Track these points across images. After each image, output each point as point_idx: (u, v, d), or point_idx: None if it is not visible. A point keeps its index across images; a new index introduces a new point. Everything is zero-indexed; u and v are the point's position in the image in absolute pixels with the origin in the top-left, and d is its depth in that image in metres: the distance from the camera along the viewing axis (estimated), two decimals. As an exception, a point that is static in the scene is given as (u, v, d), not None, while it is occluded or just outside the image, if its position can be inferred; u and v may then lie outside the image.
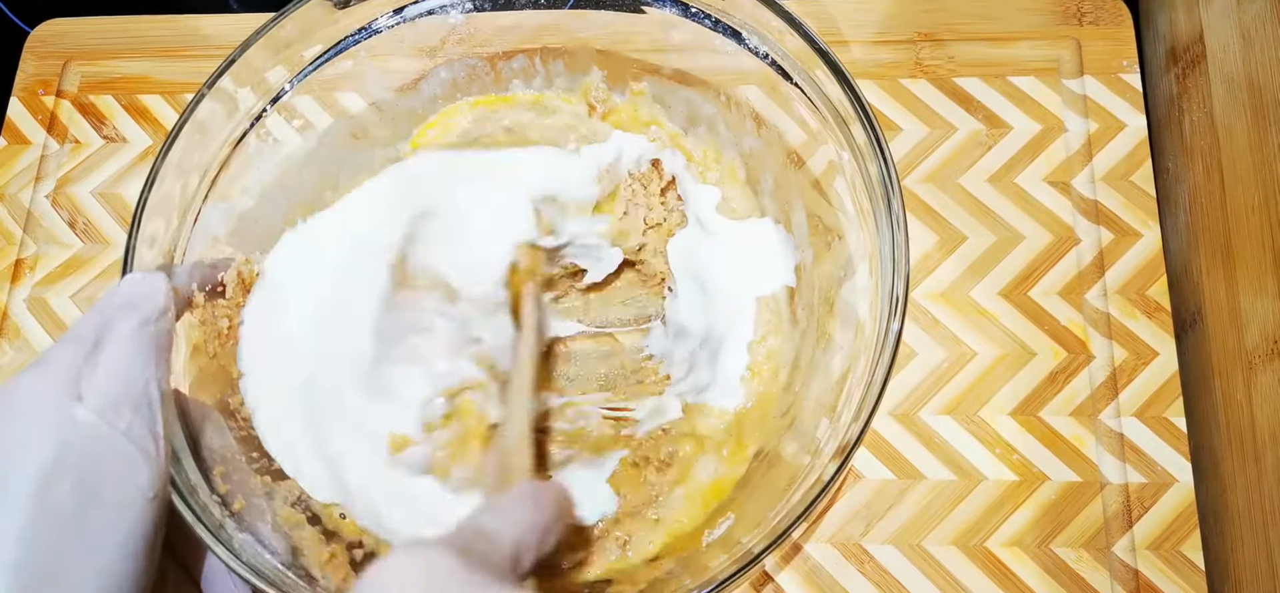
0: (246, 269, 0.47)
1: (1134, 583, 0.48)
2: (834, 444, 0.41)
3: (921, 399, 0.52)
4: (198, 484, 0.40)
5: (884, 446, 0.51)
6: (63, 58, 0.64)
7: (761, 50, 0.48)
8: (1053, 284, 0.54)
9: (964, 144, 0.57)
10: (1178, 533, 0.49)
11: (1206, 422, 0.52)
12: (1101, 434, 0.51)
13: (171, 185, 0.45)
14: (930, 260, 0.55)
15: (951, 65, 0.59)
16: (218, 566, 0.40)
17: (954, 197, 0.56)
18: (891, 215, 0.42)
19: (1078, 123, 0.57)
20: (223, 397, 0.45)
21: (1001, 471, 0.51)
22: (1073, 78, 0.58)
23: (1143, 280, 0.53)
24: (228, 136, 0.48)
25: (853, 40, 0.60)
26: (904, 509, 0.50)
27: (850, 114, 0.45)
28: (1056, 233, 0.55)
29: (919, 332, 0.53)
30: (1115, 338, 0.52)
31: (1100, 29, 0.59)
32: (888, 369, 0.40)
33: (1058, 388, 0.52)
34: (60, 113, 0.62)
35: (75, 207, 0.60)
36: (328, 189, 0.51)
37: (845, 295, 0.47)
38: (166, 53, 0.63)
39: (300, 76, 0.50)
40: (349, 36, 0.50)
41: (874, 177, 0.44)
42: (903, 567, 0.49)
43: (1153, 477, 0.50)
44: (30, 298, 0.58)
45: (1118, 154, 0.56)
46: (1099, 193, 0.55)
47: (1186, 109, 0.56)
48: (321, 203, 0.51)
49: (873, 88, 0.58)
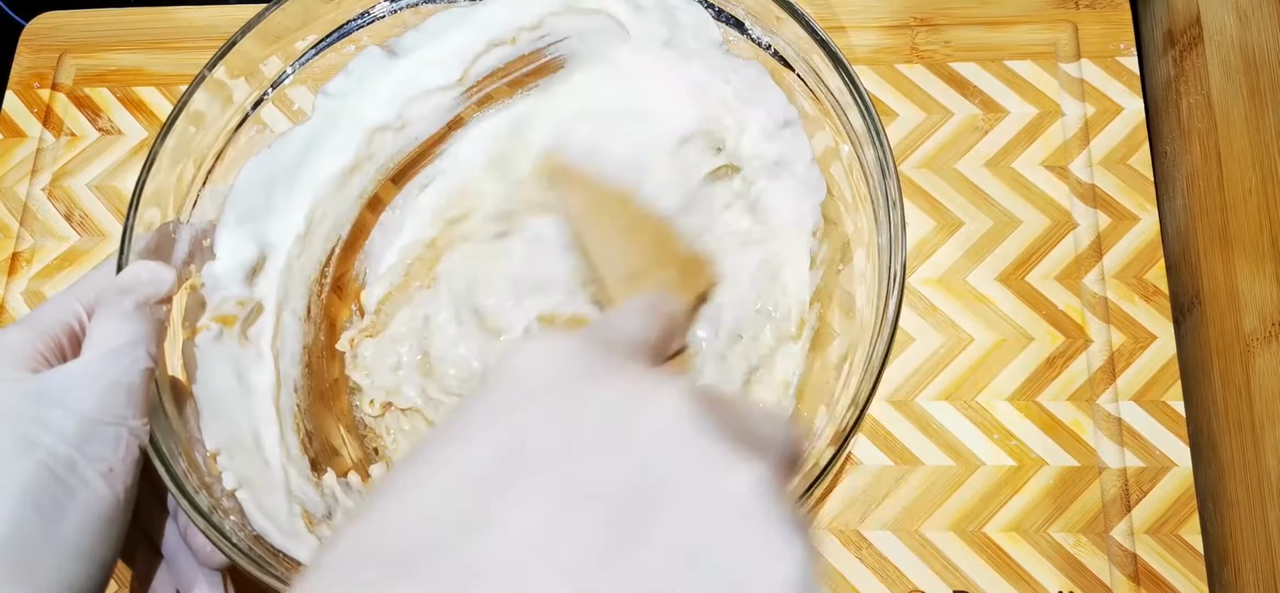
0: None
1: (1132, 567, 0.48)
2: (831, 430, 0.41)
3: (919, 385, 0.52)
4: (179, 463, 0.40)
5: (881, 432, 0.51)
6: (58, 51, 0.63)
7: (764, 40, 0.48)
8: (1050, 269, 0.54)
9: (960, 129, 0.57)
10: (1176, 517, 0.49)
11: (1205, 405, 0.52)
12: (1100, 419, 0.51)
13: (167, 175, 0.45)
14: (927, 246, 0.55)
15: (948, 50, 0.59)
16: (178, 539, 0.41)
17: (951, 182, 0.56)
18: (888, 201, 0.42)
19: (1075, 106, 0.57)
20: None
21: (999, 456, 0.51)
22: (1070, 61, 0.58)
23: (1140, 264, 0.53)
24: (223, 126, 0.48)
25: (850, 26, 0.60)
26: (902, 496, 0.50)
27: (847, 100, 0.45)
28: (1054, 217, 0.55)
29: (916, 317, 0.53)
30: (1113, 322, 0.52)
31: (1097, 12, 0.59)
32: (885, 355, 0.40)
33: (1056, 373, 0.52)
34: (55, 106, 0.62)
35: (71, 199, 0.60)
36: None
37: (842, 281, 0.47)
38: (161, 45, 0.63)
39: (296, 65, 0.50)
40: (345, 23, 0.50)
41: (871, 162, 0.44)
42: (901, 553, 0.49)
43: (1151, 461, 0.50)
44: (27, 291, 0.58)
45: (1115, 137, 0.56)
46: (1096, 177, 0.55)
47: (1184, 92, 0.55)
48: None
49: (869, 74, 0.58)
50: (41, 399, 0.34)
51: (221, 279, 0.47)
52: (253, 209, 0.48)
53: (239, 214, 0.48)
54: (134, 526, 0.37)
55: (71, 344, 0.38)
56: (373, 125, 0.51)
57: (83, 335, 0.38)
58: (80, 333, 0.38)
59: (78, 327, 0.38)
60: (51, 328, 0.37)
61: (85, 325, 0.38)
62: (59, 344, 0.37)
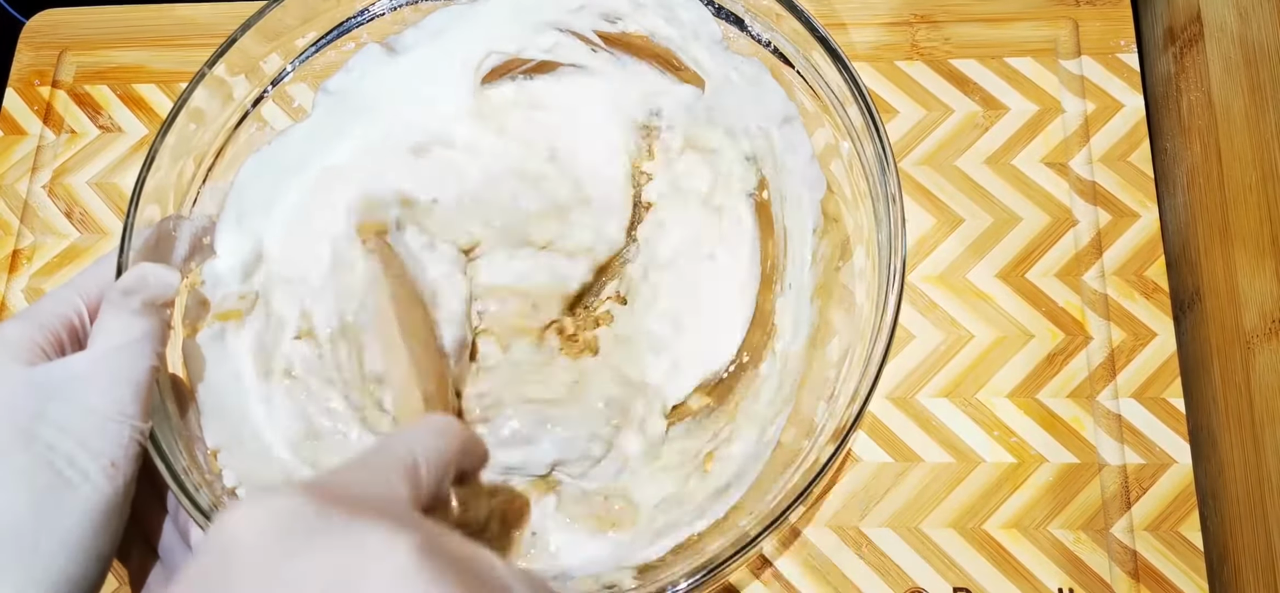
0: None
1: (1132, 564, 0.48)
2: (831, 427, 0.41)
3: (919, 382, 0.52)
4: (180, 460, 0.40)
5: (881, 429, 0.51)
6: (58, 48, 0.63)
7: (764, 37, 0.48)
8: (1050, 266, 0.54)
9: (960, 126, 0.57)
10: (1176, 514, 0.49)
11: (1205, 402, 0.52)
12: (1099, 416, 0.51)
13: (167, 173, 0.45)
14: (927, 243, 0.55)
15: (948, 47, 0.59)
16: (175, 537, 0.40)
17: (951, 179, 0.56)
18: (888, 197, 0.42)
19: (1075, 103, 0.57)
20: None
21: (999, 453, 0.51)
22: (1070, 58, 0.58)
23: (1141, 261, 0.53)
24: (224, 124, 0.48)
25: (850, 23, 0.60)
26: (902, 493, 0.50)
27: (847, 97, 0.45)
28: (1054, 214, 0.55)
29: (916, 314, 0.53)
30: (1113, 319, 0.52)
31: (1097, 9, 0.59)
32: (885, 352, 0.40)
33: (1055, 370, 0.52)
34: (56, 103, 0.62)
35: (72, 197, 0.60)
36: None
37: (842, 278, 0.47)
38: (161, 42, 0.63)
39: (296, 62, 0.50)
40: (345, 21, 0.50)
41: (871, 159, 0.44)
42: (901, 550, 0.49)
43: (1151, 458, 0.50)
44: (28, 288, 0.58)
45: (1115, 134, 0.56)
46: (1096, 173, 0.55)
47: (1184, 88, 0.55)
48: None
49: (869, 70, 0.58)
50: (43, 392, 0.34)
51: (222, 277, 0.47)
52: (253, 206, 0.48)
53: (239, 211, 0.48)
54: (131, 524, 0.37)
55: (71, 339, 0.38)
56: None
57: (82, 330, 0.38)
58: (79, 328, 0.38)
59: (77, 321, 0.38)
60: (51, 322, 0.37)
61: (84, 320, 0.38)
62: (58, 339, 0.37)
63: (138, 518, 0.39)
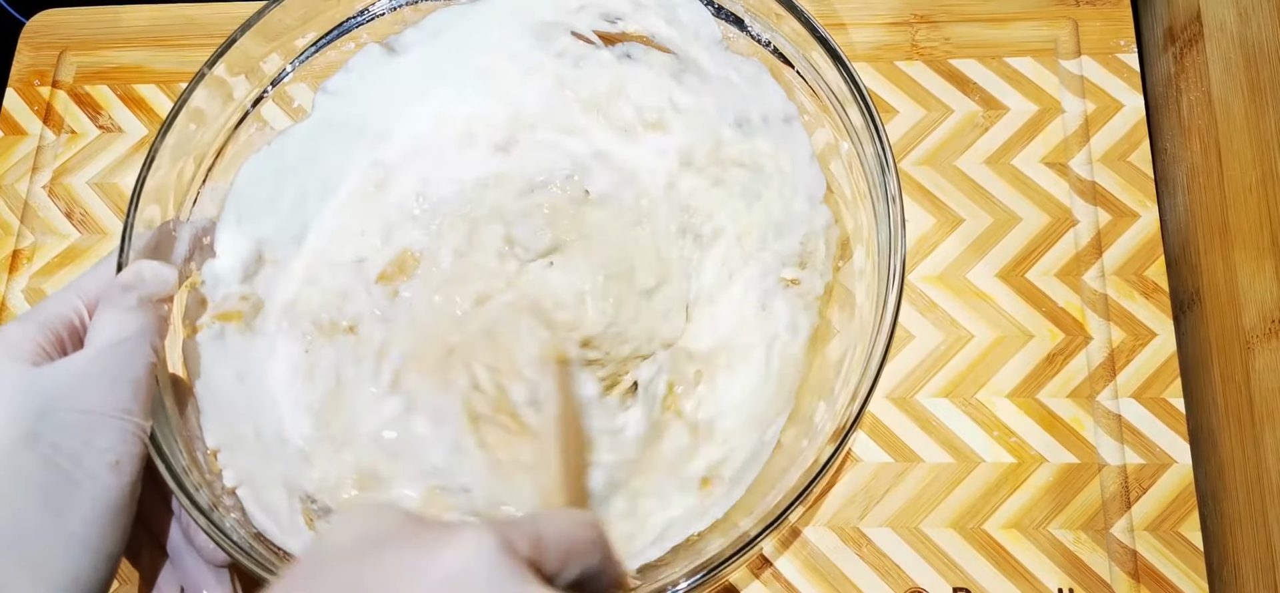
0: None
1: (1132, 564, 0.48)
2: (831, 427, 0.41)
3: (918, 382, 0.52)
4: (180, 459, 0.40)
5: (881, 429, 0.51)
6: (58, 48, 0.63)
7: (764, 37, 0.48)
8: (1050, 266, 0.54)
9: (960, 126, 0.57)
10: (1176, 514, 0.49)
11: (1205, 402, 0.52)
12: (1099, 416, 0.51)
13: (168, 173, 0.45)
14: (927, 243, 0.55)
15: (948, 47, 0.59)
16: (182, 538, 0.41)
17: (950, 179, 0.56)
18: (888, 197, 0.42)
19: (1075, 103, 0.57)
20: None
21: (999, 453, 0.51)
22: (1070, 58, 0.58)
23: (1140, 261, 0.53)
24: (224, 124, 0.48)
25: (850, 23, 0.60)
26: (901, 493, 0.50)
27: (847, 97, 0.45)
28: (1054, 214, 0.55)
29: (916, 314, 0.53)
30: (1113, 319, 0.52)
31: (1097, 9, 0.59)
32: (884, 351, 0.40)
33: (1055, 370, 0.52)
34: (56, 103, 0.62)
35: (72, 197, 0.60)
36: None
37: (842, 278, 0.47)
38: (161, 42, 0.63)
39: (296, 63, 0.50)
40: (345, 21, 0.50)
41: (871, 159, 0.44)
42: (901, 550, 0.49)
43: (1151, 458, 0.50)
44: (28, 288, 0.58)
45: (1115, 134, 0.56)
46: (1096, 174, 0.55)
47: (1184, 88, 0.55)
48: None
49: (869, 70, 0.58)
50: (46, 392, 0.34)
51: (222, 277, 0.47)
52: (253, 206, 0.48)
53: (239, 212, 0.48)
54: (138, 525, 0.38)
55: (72, 339, 0.38)
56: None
57: (83, 331, 0.38)
58: (81, 328, 0.38)
59: (78, 322, 0.38)
60: (52, 323, 0.37)
61: (86, 321, 0.38)
62: (60, 339, 0.37)
63: (145, 519, 0.39)
